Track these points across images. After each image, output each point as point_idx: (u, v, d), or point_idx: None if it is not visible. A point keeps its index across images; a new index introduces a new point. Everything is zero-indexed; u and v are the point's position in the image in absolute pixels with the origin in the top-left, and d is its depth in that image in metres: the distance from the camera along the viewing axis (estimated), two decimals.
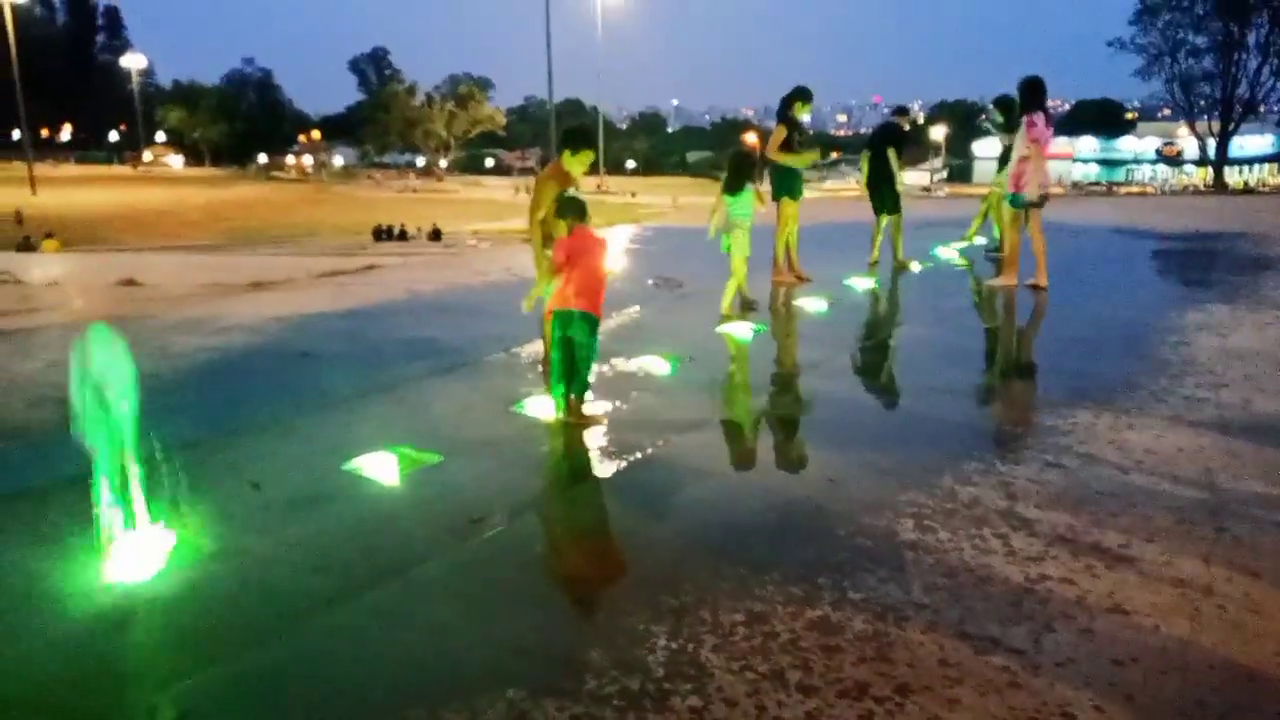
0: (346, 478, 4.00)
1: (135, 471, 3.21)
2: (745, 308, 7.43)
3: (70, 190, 50.22)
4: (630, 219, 21.41)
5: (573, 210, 4.74)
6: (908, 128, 10.14)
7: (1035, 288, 8.14)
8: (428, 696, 2.45)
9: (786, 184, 8.57)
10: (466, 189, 70.59)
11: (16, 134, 58.18)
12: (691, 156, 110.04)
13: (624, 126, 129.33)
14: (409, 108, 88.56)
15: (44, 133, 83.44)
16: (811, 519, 3.55)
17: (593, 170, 6.37)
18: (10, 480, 3.99)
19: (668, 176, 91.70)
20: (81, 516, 3.56)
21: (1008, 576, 3.07)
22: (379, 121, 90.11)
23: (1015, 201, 8.09)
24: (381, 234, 34.79)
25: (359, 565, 3.21)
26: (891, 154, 9.53)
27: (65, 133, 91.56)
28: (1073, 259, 10.27)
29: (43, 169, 55.79)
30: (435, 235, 34.71)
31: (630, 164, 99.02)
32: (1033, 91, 8.02)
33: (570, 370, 4.64)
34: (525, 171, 76.39)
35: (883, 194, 9.69)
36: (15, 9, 50.21)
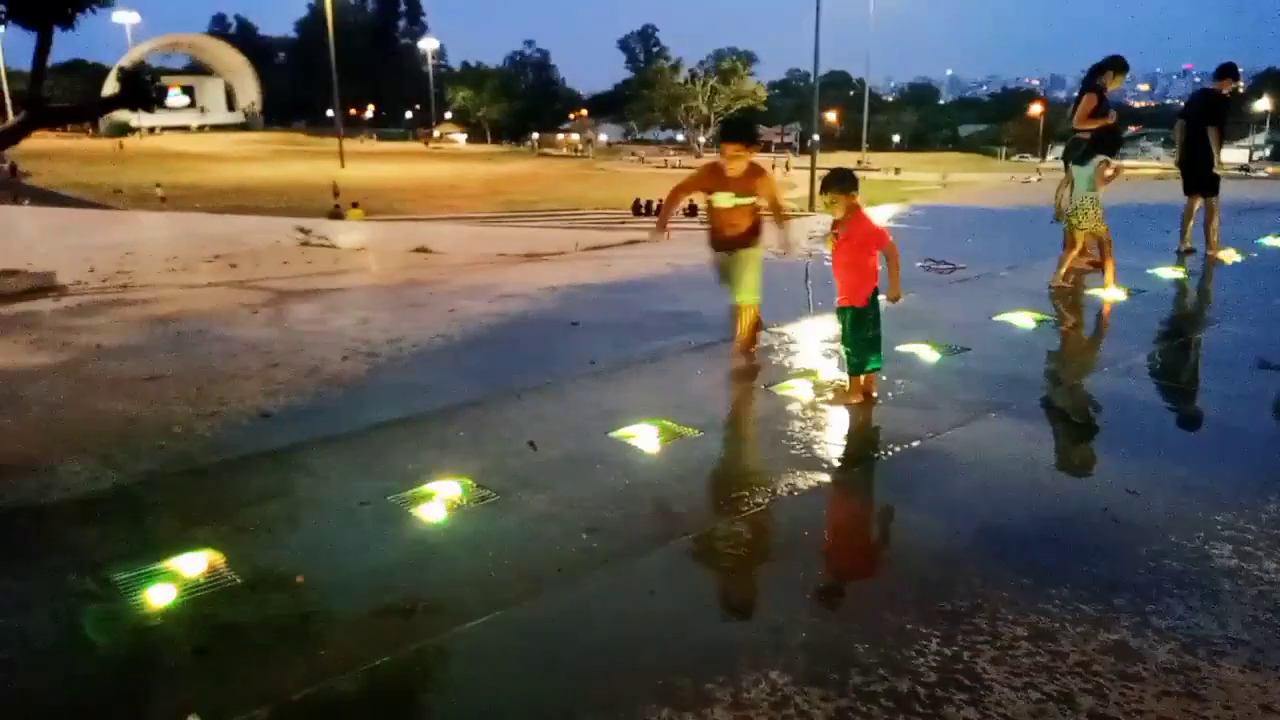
0: (612, 444, 4.14)
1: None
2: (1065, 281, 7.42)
3: (372, 164, 55.87)
4: (895, 197, 20.60)
5: (849, 185, 4.55)
6: (1228, 92, 8.89)
7: None
8: (692, 667, 2.47)
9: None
10: None
11: (329, 112, 65.71)
12: (964, 130, 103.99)
13: (891, 99, 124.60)
14: (672, 84, 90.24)
15: (352, 111, 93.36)
16: (1105, 532, 3.23)
17: (854, 145, 6.28)
18: (327, 424, 4.48)
19: (936, 152, 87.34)
20: (388, 459, 3.96)
21: None
22: (643, 98, 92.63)
23: None
24: (640, 209, 35.84)
25: (626, 530, 3.31)
26: (1212, 129, 8.45)
27: (369, 112, 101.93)
28: None
29: (351, 145, 62.46)
30: (691, 211, 35.22)
31: (895, 139, 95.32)
32: None
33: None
34: (783, 148, 75.67)
35: (1197, 172, 8.62)
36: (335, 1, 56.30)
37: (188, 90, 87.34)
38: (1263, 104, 68.60)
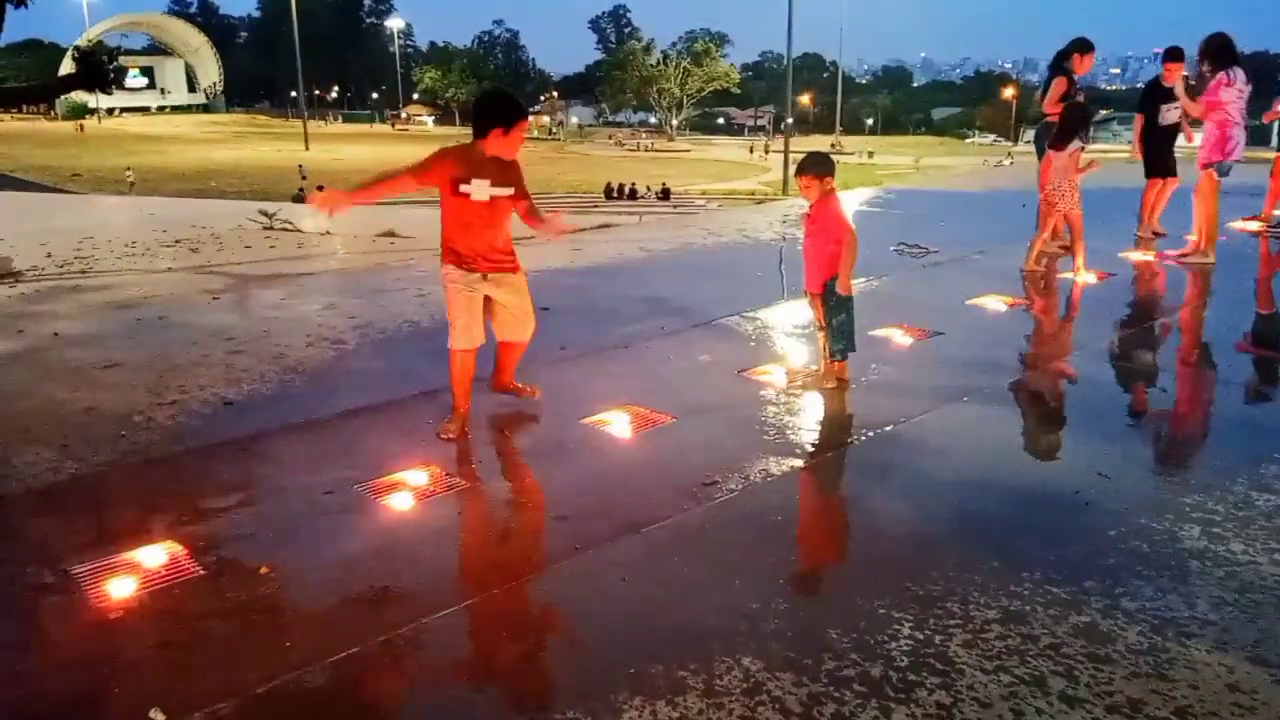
0: (585, 431, 4.10)
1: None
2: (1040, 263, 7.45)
3: (337, 146, 55.10)
4: (869, 181, 20.66)
5: (824, 168, 4.51)
6: (1177, 76, 8.97)
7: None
8: (664, 654, 2.45)
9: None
10: (697, 148, 70.92)
11: (293, 94, 64.75)
12: (938, 114, 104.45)
13: (864, 81, 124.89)
14: (644, 66, 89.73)
15: (316, 92, 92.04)
16: (1077, 515, 3.24)
17: (828, 128, 6.17)
18: (291, 411, 4.40)
19: (909, 135, 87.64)
20: (354, 447, 3.89)
21: None
22: (615, 80, 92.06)
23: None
24: (612, 192, 35.76)
25: (598, 517, 3.27)
26: (1137, 116, 8.73)
27: (334, 93, 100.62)
28: None
29: (316, 127, 61.57)
30: (664, 194, 35.26)
31: (869, 122, 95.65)
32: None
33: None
34: (757, 131, 75.62)
35: (1154, 157, 8.81)
36: None
37: (147, 71, 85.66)
38: None
